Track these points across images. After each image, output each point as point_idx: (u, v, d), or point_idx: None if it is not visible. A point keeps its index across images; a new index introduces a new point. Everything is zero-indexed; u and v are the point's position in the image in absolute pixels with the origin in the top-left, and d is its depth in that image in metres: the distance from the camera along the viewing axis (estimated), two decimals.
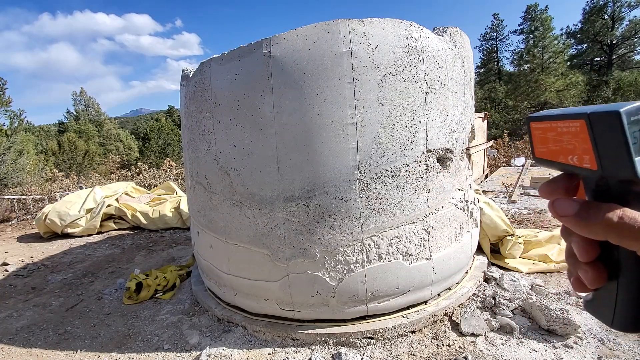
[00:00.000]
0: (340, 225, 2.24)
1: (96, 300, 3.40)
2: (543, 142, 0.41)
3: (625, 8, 22.32)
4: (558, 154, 0.39)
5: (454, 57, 2.53)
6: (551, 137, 0.40)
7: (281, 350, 2.34)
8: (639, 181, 0.33)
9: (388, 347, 2.30)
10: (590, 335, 2.24)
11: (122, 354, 2.49)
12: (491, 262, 3.36)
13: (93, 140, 28.49)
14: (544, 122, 0.41)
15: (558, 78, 20.48)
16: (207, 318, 2.84)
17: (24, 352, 2.60)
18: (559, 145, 0.39)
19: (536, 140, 0.42)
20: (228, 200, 2.48)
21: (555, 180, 0.41)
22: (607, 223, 0.34)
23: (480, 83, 29.29)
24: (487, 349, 2.20)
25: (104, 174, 16.87)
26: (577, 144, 0.36)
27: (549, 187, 0.41)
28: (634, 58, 24.42)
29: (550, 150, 0.40)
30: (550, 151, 0.40)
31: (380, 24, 2.17)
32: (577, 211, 0.36)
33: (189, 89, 2.67)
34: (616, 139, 0.33)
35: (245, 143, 2.32)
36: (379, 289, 2.33)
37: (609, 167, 0.34)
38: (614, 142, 0.33)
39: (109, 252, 4.96)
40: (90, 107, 34.50)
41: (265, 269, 2.42)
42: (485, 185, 7.63)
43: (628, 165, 0.32)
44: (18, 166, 11.97)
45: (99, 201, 6.10)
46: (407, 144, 2.27)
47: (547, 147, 0.41)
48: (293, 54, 2.13)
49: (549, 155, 0.40)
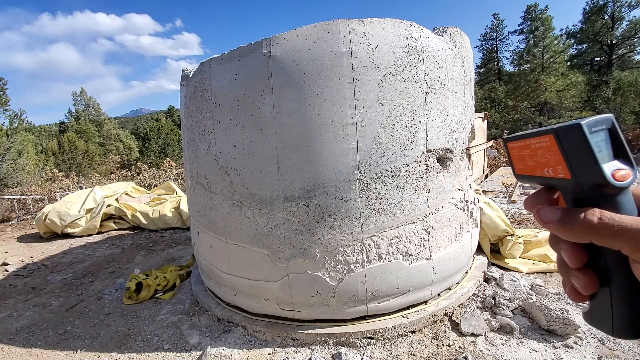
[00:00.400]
0: (340, 225, 2.24)
1: (96, 300, 3.40)
2: (520, 160, 0.44)
3: (625, 8, 22.32)
4: (535, 169, 0.42)
5: (454, 57, 2.53)
6: (527, 154, 0.43)
7: (281, 350, 2.34)
8: (608, 184, 0.36)
9: (388, 347, 2.30)
10: (590, 335, 2.24)
11: (122, 354, 2.49)
12: (491, 262, 3.36)
13: (93, 140, 28.48)
14: (519, 141, 0.44)
15: (558, 78, 20.47)
16: (207, 318, 2.84)
17: (24, 352, 2.60)
18: (534, 160, 0.42)
19: (514, 158, 0.45)
20: (228, 200, 2.48)
21: (537, 194, 0.45)
22: (588, 225, 0.36)
23: (480, 83, 29.28)
24: (487, 349, 2.20)
25: (104, 174, 16.87)
26: (549, 157, 0.40)
27: (533, 201, 0.45)
28: (634, 58, 24.42)
29: (527, 166, 0.43)
30: (527, 167, 0.43)
31: (380, 24, 2.17)
32: (560, 217, 0.39)
33: (189, 89, 2.67)
34: (582, 149, 0.36)
35: (245, 143, 2.32)
36: (379, 289, 2.33)
37: (581, 175, 0.37)
38: (581, 151, 0.36)
39: (109, 252, 4.96)
40: (90, 107, 34.51)
41: (265, 269, 2.42)
42: (485, 185, 7.63)
43: (597, 171, 0.36)
44: (18, 166, 11.97)
45: (99, 201, 6.10)
46: (407, 144, 2.27)
47: (524, 164, 0.44)
48: (293, 54, 2.13)
49: (528, 170, 0.43)
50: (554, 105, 21.15)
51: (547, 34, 22.38)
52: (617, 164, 0.37)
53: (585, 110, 19.87)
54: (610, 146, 0.38)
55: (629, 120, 16.59)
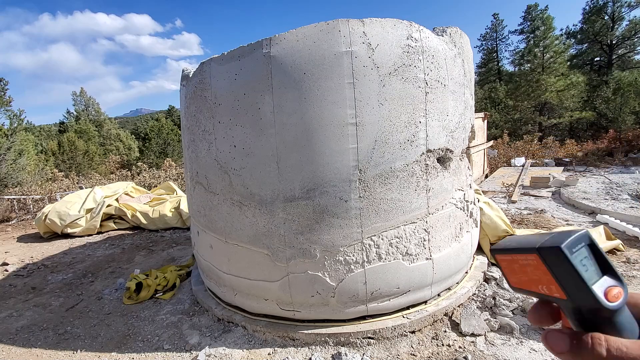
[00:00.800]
0: (340, 225, 2.24)
1: (96, 300, 3.40)
2: (513, 273, 0.42)
3: (625, 8, 22.30)
4: (530, 284, 0.40)
5: (454, 57, 2.53)
6: (517, 269, 0.41)
7: (281, 350, 2.34)
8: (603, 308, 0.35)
9: (388, 347, 2.29)
10: None
11: (122, 354, 2.49)
12: (491, 262, 3.36)
13: (93, 140, 28.48)
14: (506, 254, 0.42)
15: (559, 78, 20.46)
16: (207, 318, 2.84)
17: (24, 352, 2.60)
18: (526, 276, 0.40)
19: (506, 271, 0.43)
20: (228, 200, 2.48)
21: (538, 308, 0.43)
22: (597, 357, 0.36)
23: (480, 83, 29.26)
24: (487, 349, 2.20)
25: (104, 174, 16.87)
26: (540, 275, 0.38)
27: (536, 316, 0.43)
28: (634, 58, 24.39)
29: (521, 280, 0.41)
30: (521, 281, 0.41)
31: (380, 24, 2.17)
32: (570, 348, 0.38)
33: (189, 89, 2.67)
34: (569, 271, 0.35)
35: (245, 143, 2.32)
36: (379, 289, 2.33)
37: (575, 297, 0.36)
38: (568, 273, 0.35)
39: (109, 252, 4.96)
40: (90, 107, 34.50)
41: (265, 269, 2.41)
42: (485, 185, 7.63)
43: (588, 294, 0.35)
44: (18, 166, 11.98)
45: (99, 201, 6.10)
46: (407, 144, 2.27)
47: (518, 278, 0.41)
48: (293, 54, 2.13)
49: (523, 284, 0.41)
50: (554, 105, 21.13)
51: (547, 34, 22.36)
52: (607, 281, 0.36)
53: (585, 110, 19.85)
54: (595, 262, 0.36)
55: (629, 120, 16.57)
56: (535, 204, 5.65)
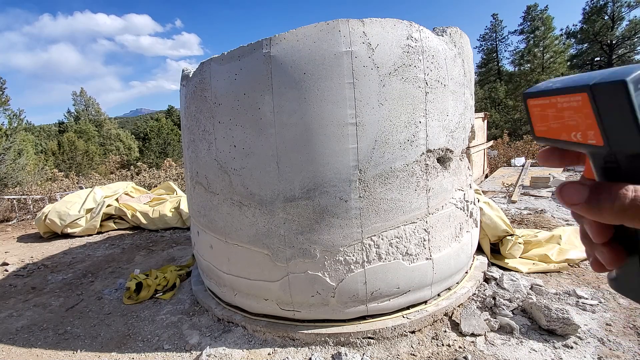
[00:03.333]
0: (340, 225, 2.24)
1: (96, 300, 3.40)
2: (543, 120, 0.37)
3: (625, 8, 22.32)
4: (560, 132, 0.36)
5: (454, 57, 2.53)
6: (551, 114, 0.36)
7: (281, 350, 2.34)
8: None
9: (388, 347, 2.30)
10: (590, 335, 2.24)
11: (122, 354, 2.49)
12: (491, 262, 3.36)
13: (93, 140, 28.48)
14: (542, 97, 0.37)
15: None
16: (207, 318, 2.84)
17: (24, 352, 2.60)
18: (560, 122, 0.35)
19: (535, 118, 0.38)
20: (228, 200, 2.48)
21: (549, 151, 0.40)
22: (620, 208, 0.31)
23: (480, 83, 29.28)
24: (487, 349, 2.20)
25: (104, 174, 16.87)
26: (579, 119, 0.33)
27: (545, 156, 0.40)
28: (634, 58, 24.42)
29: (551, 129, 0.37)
30: (551, 129, 0.37)
31: (380, 24, 2.17)
32: (587, 198, 0.34)
33: (189, 89, 2.67)
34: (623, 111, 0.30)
35: (245, 143, 2.32)
36: (379, 289, 2.33)
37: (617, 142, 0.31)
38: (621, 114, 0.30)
39: (109, 252, 4.96)
40: (90, 107, 34.50)
41: (265, 269, 2.42)
42: (485, 185, 7.63)
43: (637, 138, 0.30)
44: (18, 166, 11.98)
45: (99, 201, 6.10)
46: (407, 144, 2.27)
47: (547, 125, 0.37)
48: (293, 54, 2.13)
49: (550, 133, 0.37)
50: None
51: (547, 34, 22.38)
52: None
53: None
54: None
55: None
56: (535, 204, 5.65)
